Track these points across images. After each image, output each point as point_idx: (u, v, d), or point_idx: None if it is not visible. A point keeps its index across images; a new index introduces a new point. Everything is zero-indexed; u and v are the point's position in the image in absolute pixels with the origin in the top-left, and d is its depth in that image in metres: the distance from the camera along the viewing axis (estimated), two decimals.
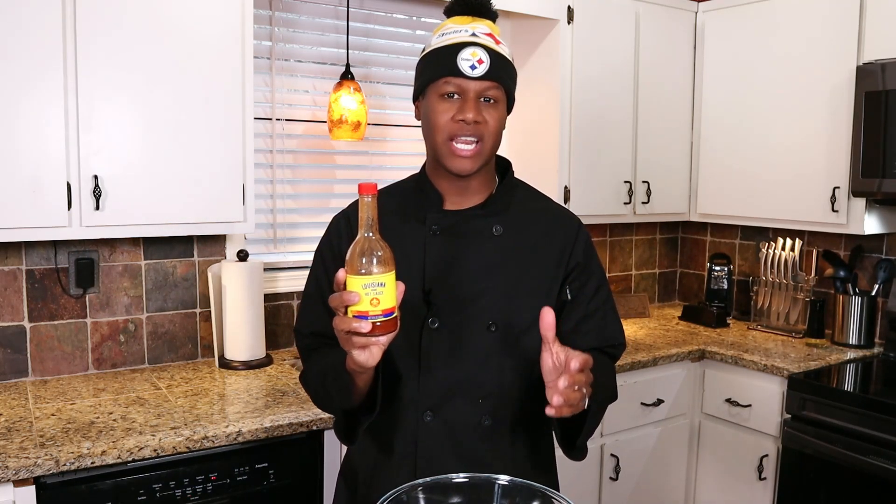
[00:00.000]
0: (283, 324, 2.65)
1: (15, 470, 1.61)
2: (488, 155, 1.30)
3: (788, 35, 2.84)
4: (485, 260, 1.32)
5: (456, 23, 1.31)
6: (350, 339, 1.06)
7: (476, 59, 1.26)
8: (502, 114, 1.30)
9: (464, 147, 1.27)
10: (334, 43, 2.72)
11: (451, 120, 1.27)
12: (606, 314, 1.41)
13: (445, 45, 1.28)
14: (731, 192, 3.09)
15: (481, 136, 1.27)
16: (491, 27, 1.31)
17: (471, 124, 1.25)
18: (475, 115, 1.25)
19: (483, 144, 1.28)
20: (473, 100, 1.26)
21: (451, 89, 1.27)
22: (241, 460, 1.89)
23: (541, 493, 1.03)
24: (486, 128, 1.27)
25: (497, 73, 1.27)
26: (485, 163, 1.30)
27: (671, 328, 3.17)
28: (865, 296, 2.86)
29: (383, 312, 1.05)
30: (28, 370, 2.24)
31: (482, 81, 1.26)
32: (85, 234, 1.99)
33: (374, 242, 1.04)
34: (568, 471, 1.47)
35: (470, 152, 1.27)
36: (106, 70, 1.97)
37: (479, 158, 1.28)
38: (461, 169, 1.28)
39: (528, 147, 2.97)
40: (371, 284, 1.03)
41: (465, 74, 1.25)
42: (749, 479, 2.69)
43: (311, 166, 2.74)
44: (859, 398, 2.36)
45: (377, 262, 1.03)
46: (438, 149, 1.29)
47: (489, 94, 1.27)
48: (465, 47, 1.26)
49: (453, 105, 1.27)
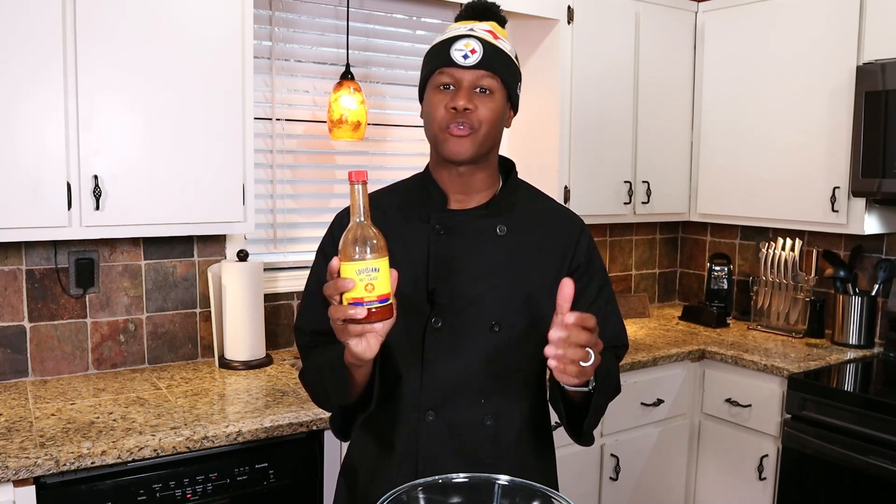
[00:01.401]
0: (283, 324, 2.65)
1: (15, 470, 1.61)
2: (483, 142, 1.29)
3: (788, 35, 2.84)
4: (488, 260, 1.32)
5: (459, 23, 1.33)
6: (346, 328, 1.06)
7: (469, 49, 1.26)
8: (498, 105, 1.29)
9: (457, 129, 1.27)
10: (334, 43, 2.72)
11: (444, 109, 1.27)
12: (609, 315, 1.41)
13: (441, 39, 1.31)
14: (731, 192, 3.09)
15: (474, 124, 1.26)
16: (494, 27, 1.32)
17: (462, 112, 1.25)
18: (466, 102, 1.25)
19: (476, 133, 1.27)
20: (466, 89, 1.26)
21: (446, 80, 1.27)
22: (241, 460, 1.89)
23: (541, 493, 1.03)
24: (479, 116, 1.26)
25: (490, 63, 1.26)
26: (481, 150, 1.29)
27: (671, 328, 3.17)
28: (865, 296, 2.86)
29: (378, 298, 1.04)
30: (28, 370, 2.24)
31: (475, 70, 1.26)
32: (85, 234, 1.99)
33: (366, 228, 1.04)
34: (568, 471, 1.47)
35: (463, 132, 1.26)
36: (106, 70, 1.97)
37: (474, 143, 1.27)
38: (457, 152, 1.28)
39: (528, 147, 2.97)
40: (365, 270, 1.03)
41: (457, 63, 1.26)
42: (749, 479, 2.69)
43: (311, 166, 2.74)
44: (859, 398, 2.36)
45: (370, 249, 1.03)
46: (435, 138, 1.30)
47: (483, 84, 1.27)
48: (460, 39, 1.28)
49: (448, 95, 1.27)
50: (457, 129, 1.26)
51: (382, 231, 1.07)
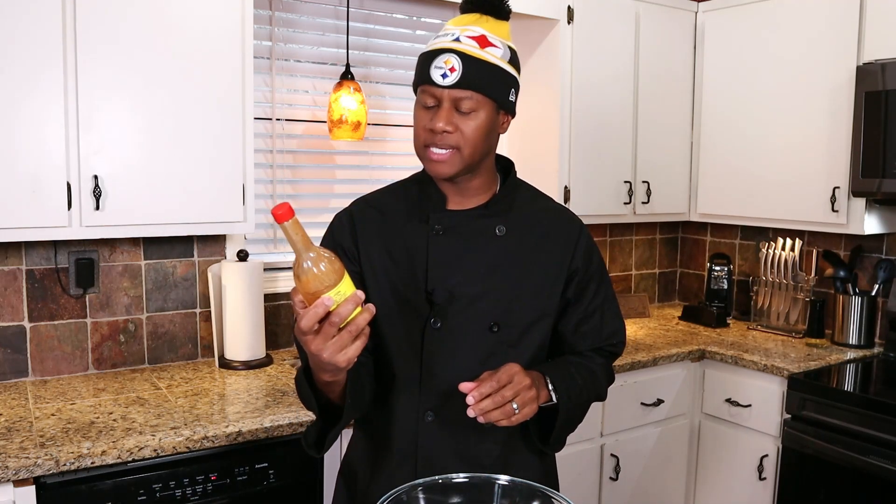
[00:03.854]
0: (283, 324, 2.65)
1: (15, 470, 1.61)
2: (468, 161, 1.27)
3: (788, 35, 2.84)
4: (487, 260, 1.32)
5: (454, 23, 1.29)
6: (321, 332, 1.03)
7: (448, 68, 1.23)
8: (482, 121, 1.26)
9: (437, 151, 1.26)
10: (334, 43, 2.72)
11: (423, 129, 1.26)
12: (605, 314, 1.41)
13: (427, 50, 1.28)
14: (730, 192, 3.09)
15: (453, 145, 1.25)
16: (491, 28, 1.28)
17: (440, 134, 1.24)
18: (444, 123, 1.24)
19: (459, 152, 1.25)
20: (446, 109, 1.24)
21: (427, 98, 1.26)
22: (241, 460, 1.89)
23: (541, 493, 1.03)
24: (460, 137, 1.25)
25: (469, 82, 1.23)
26: (467, 167, 1.28)
27: (671, 328, 3.17)
28: (865, 296, 2.86)
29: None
30: (28, 370, 2.24)
31: (453, 90, 1.23)
32: (85, 234, 1.99)
33: (317, 260, 1.01)
34: (568, 471, 1.47)
35: (443, 157, 1.25)
36: (106, 70, 1.97)
37: (455, 164, 1.26)
38: (437, 173, 1.28)
39: (528, 147, 2.97)
40: (336, 295, 1.01)
41: (436, 83, 1.24)
42: (749, 479, 2.69)
43: (311, 166, 2.74)
44: (859, 398, 2.36)
45: (330, 273, 1.00)
46: (418, 155, 1.30)
47: (462, 104, 1.24)
48: (440, 55, 1.24)
49: (430, 114, 1.26)
50: (434, 154, 1.26)
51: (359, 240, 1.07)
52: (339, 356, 1.03)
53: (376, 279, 1.34)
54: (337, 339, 1.02)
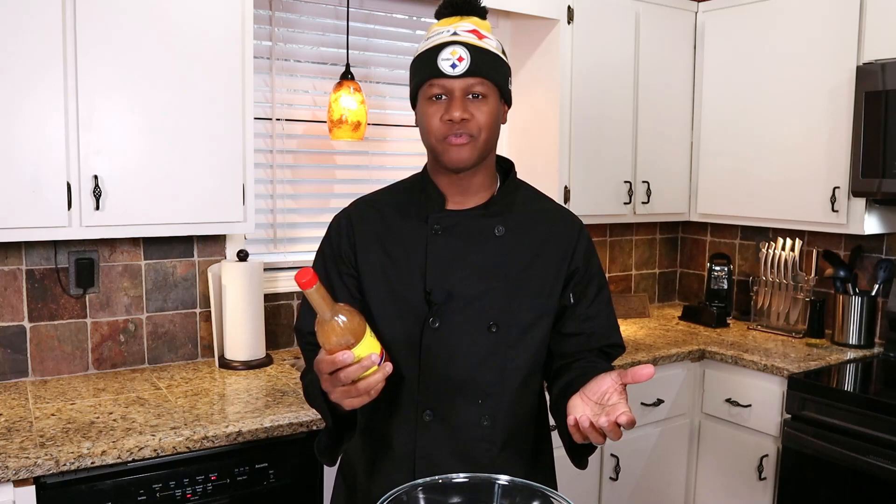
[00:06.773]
0: (283, 324, 2.65)
1: (15, 470, 1.61)
2: (484, 147, 1.29)
3: (788, 35, 2.84)
4: (486, 260, 1.32)
5: (441, 24, 1.31)
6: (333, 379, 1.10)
7: (456, 58, 1.25)
8: (493, 107, 1.29)
9: (457, 139, 1.27)
10: (334, 43, 2.72)
11: (440, 121, 1.27)
12: (606, 317, 1.41)
13: (427, 48, 1.29)
14: (730, 192, 3.09)
15: (472, 131, 1.27)
16: (477, 23, 1.30)
17: (459, 122, 1.25)
18: (462, 112, 1.25)
19: (475, 140, 1.27)
20: (459, 98, 1.26)
21: (437, 91, 1.27)
22: (241, 460, 1.89)
23: (541, 493, 1.03)
24: (476, 123, 1.27)
25: (479, 69, 1.26)
26: (482, 155, 1.30)
27: (671, 328, 3.17)
28: (865, 296, 2.86)
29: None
30: (28, 370, 2.24)
31: (465, 79, 1.26)
32: (85, 234, 1.99)
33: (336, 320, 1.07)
34: (568, 471, 1.47)
35: (464, 141, 1.27)
36: (106, 70, 1.97)
37: (475, 149, 1.28)
38: (459, 160, 1.28)
39: (527, 147, 2.97)
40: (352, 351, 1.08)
41: (446, 74, 1.25)
42: (749, 479, 2.69)
43: (311, 166, 2.74)
44: (859, 398, 2.36)
45: (347, 333, 1.07)
46: (435, 149, 1.30)
47: (475, 90, 1.27)
48: (445, 47, 1.26)
49: (441, 106, 1.27)
50: (456, 139, 1.27)
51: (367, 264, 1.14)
52: (345, 401, 1.12)
53: (375, 279, 1.34)
54: (347, 389, 1.10)
